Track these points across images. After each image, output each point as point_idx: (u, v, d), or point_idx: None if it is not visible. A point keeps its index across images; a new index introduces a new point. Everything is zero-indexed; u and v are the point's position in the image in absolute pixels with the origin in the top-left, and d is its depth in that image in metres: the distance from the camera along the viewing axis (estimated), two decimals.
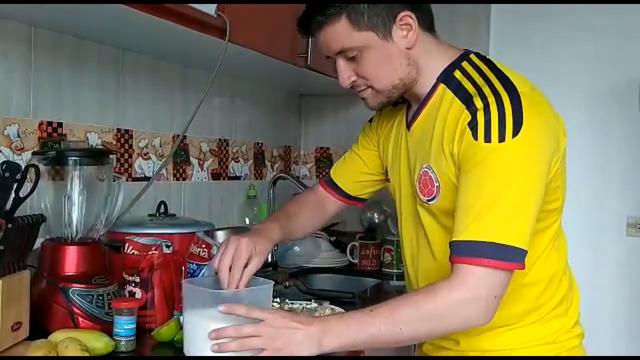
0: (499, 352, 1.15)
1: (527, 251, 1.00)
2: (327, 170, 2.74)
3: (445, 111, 1.10)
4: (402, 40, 1.11)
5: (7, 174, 1.12)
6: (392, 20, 1.09)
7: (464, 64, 1.13)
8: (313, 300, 1.56)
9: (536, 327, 1.16)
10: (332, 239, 2.33)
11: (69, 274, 1.27)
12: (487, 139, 1.01)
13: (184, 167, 2.00)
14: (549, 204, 1.10)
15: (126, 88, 1.75)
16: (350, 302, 1.66)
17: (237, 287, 1.15)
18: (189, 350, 1.14)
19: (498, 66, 1.11)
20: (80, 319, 1.23)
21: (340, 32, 1.10)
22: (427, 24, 1.14)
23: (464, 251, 1.00)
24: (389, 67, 1.12)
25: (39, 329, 1.20)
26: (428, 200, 1.15)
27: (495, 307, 1.00)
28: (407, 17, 1.10)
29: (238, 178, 2.30)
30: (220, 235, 1.72)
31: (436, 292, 1.01)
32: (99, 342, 1.15)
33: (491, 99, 1.04)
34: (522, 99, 1.04)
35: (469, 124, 1.04)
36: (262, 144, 2.46)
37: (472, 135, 1.03)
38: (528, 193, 1.01)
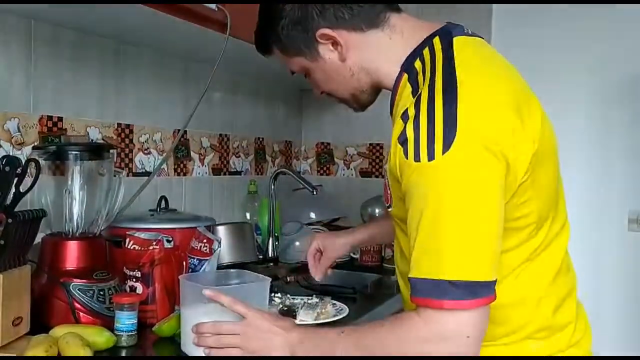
0: None
1: (493, 281, 0.89)
2: (327, 166, 2.75)
3: (402, 107, 0.96)
4: (332, 54, 1.04)
5: (7, 169, 1.12)
6: (313, 41, 1.03)
7: (425, 51, 0.98)
8: (314, 295, 1.56)
9: (505, 348, 1.04)
10: None
11: (70, 268, 1.27)
12: (417, 157, 0.88)
13: (184, 162, 1.99)
14: (513, 222, 0.95)
15: (126, 82, 1.74)
16: (351, 297, 1.66)
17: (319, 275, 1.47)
18: (184, 346, 1.14)
19: (455, 53, 0.96)
20: (81, 314, 1.22)
21: (279, 58, 1.11)
22: (370, 22, 1.02)
23: (420, 290, 0.90)
24: (334, 82, 1.08)
25: (40, 323, 1.19)
26: (387, 207, 1.07)
27: (474, 345, 0.89)
28: (324, 35, 1.02)
29: (239, 173, 2.29)
30: (221, 231, 1.72)
31: (402, 328, 0.93)
32: (100, 337, 1.15)
33: (423, 104, 0.90)
34: (459, 98, 0.88)
35: (399, 138, 0.91)
36: (262, 139, 2.45)
37: (403, 152, 0.90)
38: (475, 216, 0.87)
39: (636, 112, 2.29)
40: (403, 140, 0.90)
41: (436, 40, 0.99)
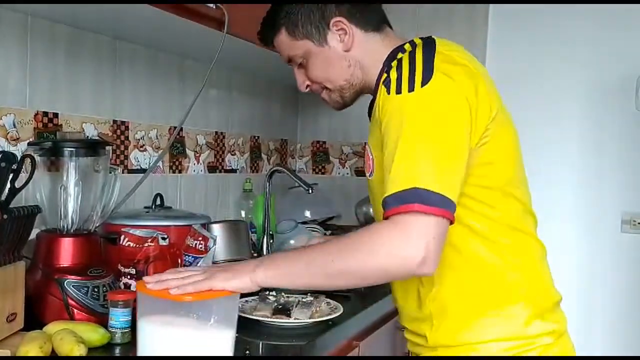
0: (463, 346, 1.12)
1: (451, 200, 0.96)
2: (323, 165, 2.75)
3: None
4: (338, 44, 1.18)
5: (2, 165, 1.11)
6: (325, 27, 1.17)
7: (407, 45, 1.13)
8: (309, 293, 1.56)
9: (494, 320, 1.11)
10: (328, 233, 2.33)
11: (65, 265, 1.26)
12: (398, 90, 1.02)
13: (180, 160, 1.99)
14: (476, 177, 1.07)
15: (123, 79, 1.74)
16: (345, 296, 1.66)
17: None
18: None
19: (436, 39, 1.11)
20: (75, 310, 1.22)
21: (283, 43, 1.22)
22: (373, 25, 1.19)
23: (391, 203, 0.97)
24: (331, 69, 1.19)
25: (34, 320, 1.19)
26: (369, 175, 1.18)
27: (434, 250, 0.95)
28: (339, 23, 1.16)
29: (234, 171, 2.29)
30: (216, 228, 1.71)
31: (369, 227, 1.00)
32: (94, 334, 1.15)
33: (405, 58, 1.07)
34: (436, 54, 1.05)
35: (383, 82, 1.07)
36: (258, 137, 2.45)
37: (386, 91, 1.05)
38: (447, 139, 0.99)
39: (630, 114, 2.30)
40: (387, 82, 1.05)
41: (416, 39, 1.15)
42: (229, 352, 1.05)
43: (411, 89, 1.01)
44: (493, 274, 1.12)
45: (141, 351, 1.03)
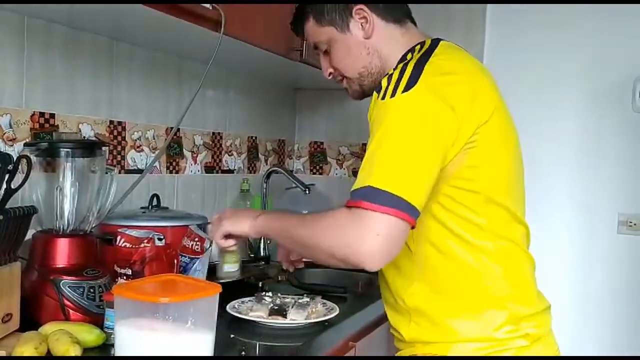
0: (438, 343, 1.14)
1: (405, 201, 0.99)
2: (320, 166, 2.75)
3: None
4: (359, 32, 1.23)
5: None
6: (348, 14, 1.23)
7: (417, 46, 1.18)
8: (305, 294, 1.56)
9: (467, 322, 1.13)
10: None
11: (60, 266, 1.26)
12: (383, 97, 1.07)
13: (177, 160, 1.99)
14: (459, 180, 1.09)
15: (120, 79, 1.74)
16: (341, 296, 1.66)
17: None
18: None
19: (439, 45, 1.16)
20: (70, 311, 1.22)
21: (310, 30, 1.29)
22: (395, 17, 1.24)
23: (352, 197, 1.04)
24: (350, 57, 1.25)
25: (30, 320, 1.19)
26: None
27: (380, 248, 1.00)
28: (361, 11, 1.22)
29: (231, 172, 2.29)
30: None
31: (333, 213, 1.08)
32: (90, 335, 1.15)
33: (401, 65, 1.11)
34: (427, 64, 1.09)
35: (376, 89, 1.11)
36: (256, 137, 2.45)
37: (377, 97, 1.09)
38: (414, 145, 1.03)
39: (626, 116, 2.31)
40: (379, 89, 1.10)
41: (428, 40, 1.20)
42: (209, 354, 1.02)
43: (393, 94, 1.06)
44: (471, 277, 1.13)
45: (119, 353, 1.00)
